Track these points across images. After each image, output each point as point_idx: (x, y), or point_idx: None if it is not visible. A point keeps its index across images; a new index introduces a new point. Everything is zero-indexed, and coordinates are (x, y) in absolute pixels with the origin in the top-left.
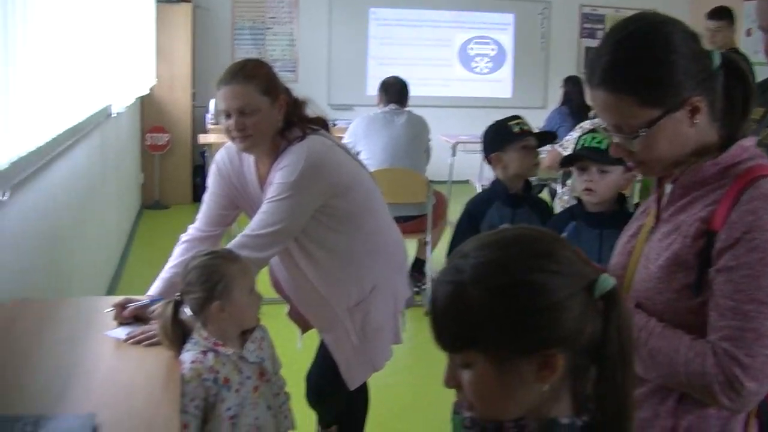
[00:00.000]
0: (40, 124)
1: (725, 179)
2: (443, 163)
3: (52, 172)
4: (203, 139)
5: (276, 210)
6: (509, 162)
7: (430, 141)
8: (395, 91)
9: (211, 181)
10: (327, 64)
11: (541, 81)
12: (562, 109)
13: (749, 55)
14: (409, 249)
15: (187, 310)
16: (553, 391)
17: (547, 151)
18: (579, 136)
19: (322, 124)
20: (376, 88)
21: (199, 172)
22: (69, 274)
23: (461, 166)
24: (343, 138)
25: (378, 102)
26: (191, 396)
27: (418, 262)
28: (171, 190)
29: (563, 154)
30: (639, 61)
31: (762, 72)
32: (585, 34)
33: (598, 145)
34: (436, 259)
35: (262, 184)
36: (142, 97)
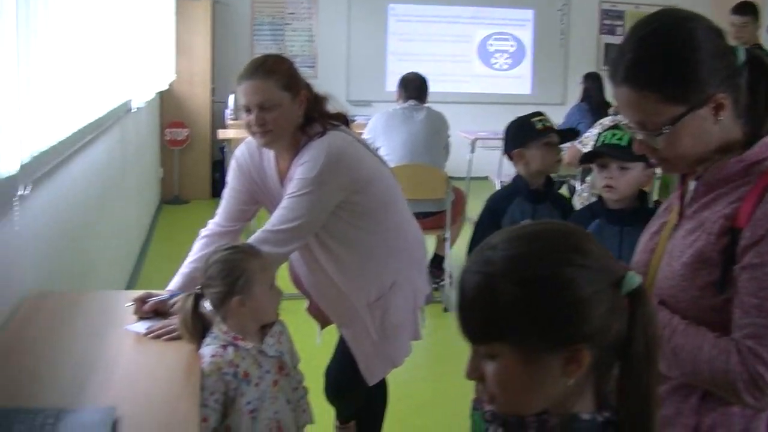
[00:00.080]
0: (61, 119)
1: (750, 176)
2: (462, 160)
3: (72, 166)
4: (222, 134)
5: (296, 205)
6: (531, 158)
7: (449, 137)
8: (414, 87)
9: (231, 177)
10: (346, 60)
11: (561, 77)
12: (581, 105)
13: None
14: (428, 245)
15: (208, 304)
16: (577, 386)
17: (566, 148)
18: (599, 132)
19: (343, 119)
20: (395, 84)
21: (218, 168)
22: (89, 268)
23: (480, 162)
24: (362, 134)
25: (397, 98)
26: (211, 390)
27: (437, 258)
28: (190, 185)
29: (583, 150)
30: (663, 58)
31: None
32: (604, 31)
33: (618, 141)
34: (455, 255)
35: (282, 179)
36: (161, 92)
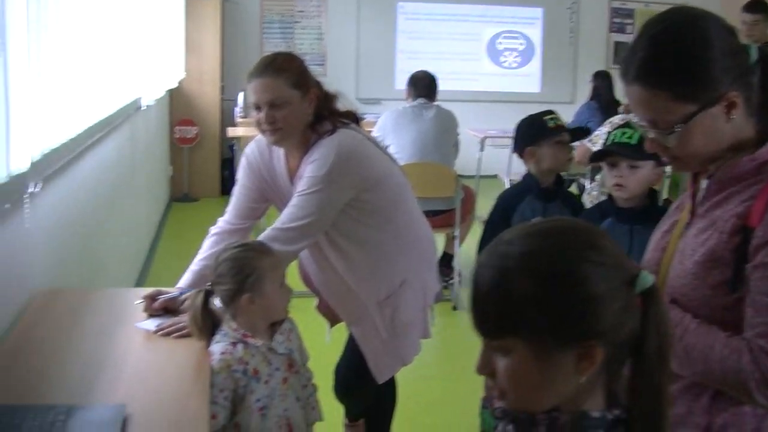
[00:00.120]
0: (71, 117)
1: (762, 175)
2: (471, 158)
3: (82, 164)
4: (232, 132)
5: (306, 203)
6: (543, 156)
7: (458, 135)
8: (424, 86)
9: (241, 174)
10: (355, 58)
11: (570, 76)
12: (591, 104)
13: None
14: (437, 243)
15: (217, 301)
16: (588, 383)
17: (576, 147)
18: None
19: (353, 118)
20: (404, 82)
21: (227, 165)
22: (99, 266)
23: (489, 160)
24: (371, 132)
25: (407, 96)
26: (220, 387)
27: (446, 256)
28: (199, 183)
29: (592, 149)
30: (675, 56)
31: None
32: (614, 29)
33: (628, 140)
34: (464, 253)
35: (292, 177)
36: (171, 90)
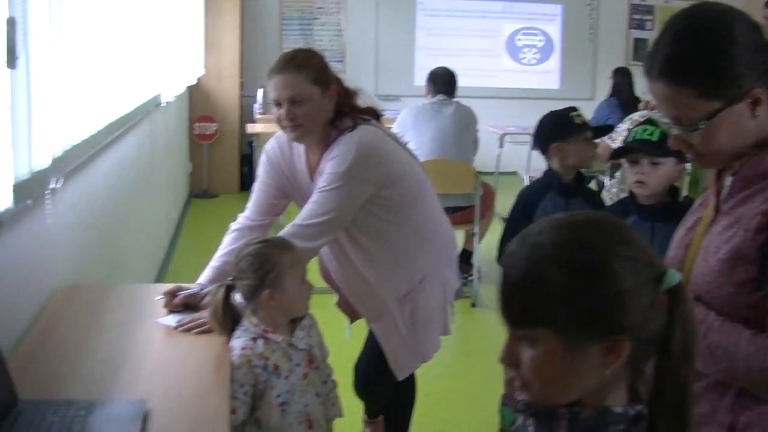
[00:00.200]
0: (92, 113)
1: None
2: (490, 155)
3: (103, 160)
4: (251, 128)
5: (326, 200)
6: (570, 153)
7: (477, 132)
8: (443, 82)
9: (261, 170)
10: (374, 55)
11: (589, 72)
12: (610, 100)
13: None
14: (457, 240)
15: (238, 296)
16: (612, 378)
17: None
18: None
19: (373, 114)
20: (424, 78)
21: (246, 162)
22: (119, 262)
23: (508, 157)
24: (391, 128)
25: (426, 92)
26: (240, 382)
27: (465, 253)
28: (219, 180)
29: (612, 146)
30: (699, 53)
31: None
32: (634, 25)
33: (649, 137)
34: (484, 250)
35: (312, 173)
36: (190, 86)
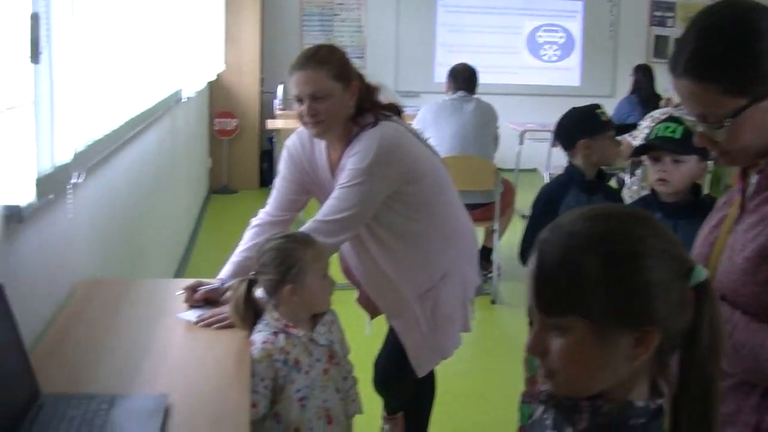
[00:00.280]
0: (114, 109)
1: None
2: (511, 151)
3: (124, 155)
4: (271, 124)
5: (348, 196)
6: (596, 150)
7: (498, 128)
8: (464, 78)
9: (282, 166)
10: (395, 51)
11: (610, 69)
12: (631, 98)
13: None
14: (477, 237)
15: (260, 291)
16: (636, 371)
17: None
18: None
19: (395, 110)
20: (444, 75)
21: (266, 158)
22: (139, 257)
23: (529, 154)
24: (411, 125)
25: (446, 89)
26: (261, 376)
27: (485, 250)
28: (239, 175)
29: (633, 143)
30: (725, 49)
31: None
32: (655, 22)
33: (671, 134)
34: (504, 247)
35: (333, 169)
36: (210, 82)
